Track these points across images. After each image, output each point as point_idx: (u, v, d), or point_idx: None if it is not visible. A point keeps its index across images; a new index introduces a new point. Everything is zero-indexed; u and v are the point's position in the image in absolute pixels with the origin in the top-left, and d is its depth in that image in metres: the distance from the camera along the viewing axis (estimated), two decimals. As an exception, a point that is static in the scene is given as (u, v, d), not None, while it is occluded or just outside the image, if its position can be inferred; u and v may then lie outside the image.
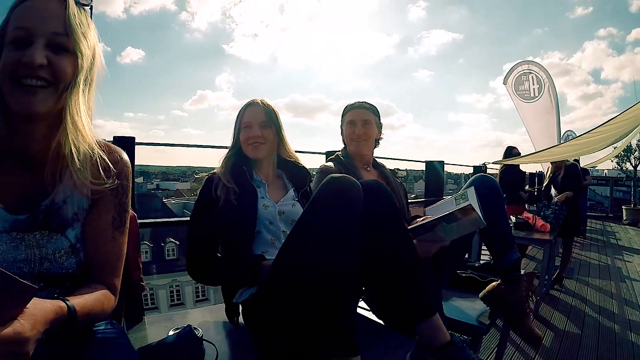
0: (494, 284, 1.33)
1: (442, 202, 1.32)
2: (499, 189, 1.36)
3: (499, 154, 4.07)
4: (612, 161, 10.06)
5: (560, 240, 3.73)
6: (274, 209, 1.13)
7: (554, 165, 3.93)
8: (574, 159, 4.48)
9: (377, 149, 1.60)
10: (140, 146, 1.52)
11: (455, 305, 1.41)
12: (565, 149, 4.16)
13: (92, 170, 0.66)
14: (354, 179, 0.86)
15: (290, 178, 1.26)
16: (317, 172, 1.43)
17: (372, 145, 1.55)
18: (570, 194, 3.50)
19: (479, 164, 4.97)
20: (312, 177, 1.30)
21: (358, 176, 1.34)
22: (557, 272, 3.56)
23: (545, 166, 5.59)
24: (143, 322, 1.17)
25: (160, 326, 1.13)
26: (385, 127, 1.59)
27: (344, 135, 1.56)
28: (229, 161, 1.16)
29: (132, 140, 1.39)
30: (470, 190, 1.24)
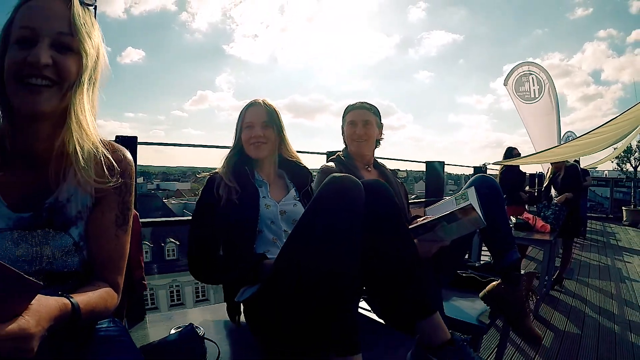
0: (494, 284, 1.34)
1: (442, 202, 1.33)
2: (499, 189, 1.36)
3: (499, 155, 4.08)
4: (613, 162, 10.05)
5: (560, 240, 3.73)
6: (275, 208, 1.13)
7: (554, 166, 3.92)
8: (574, 159, 4.48)
9: (378, 149, 1.61)
10: (141, 146, 1.52)
11: (455, 304, 1.41)
12: (565, 150, 4.17)
13: (96, 169, 0.66)
14: (356, 178, 0.86)
15: (292, 178, 1.26)
16: (318, 172, 1.43)
17: (373, 146, 1.56)
18: (570, 195, 3.50)
19: (479, 165, 4.98)
20: (313, 177, 1.30)
21: (359, 176, 1.34)
22: (557, 272, 3.56)
23: (545, 167, 5.58)
24: (144, 321, 1.17)
25: (162, 325, 1.13)
26: (385, 128, 1.59)
27: (345, 135, 1.56)
28: (230, 161, 1.17)
29: (134, 139, 1.39)
30: (471, 191, 1.24)
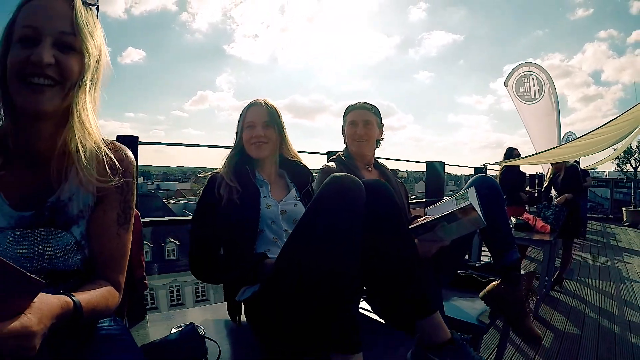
0: (494, 284, 1.34)
1: (442, 202, 1.33)
2: (499, 190, 1.36)
3: (499, 156, 4.07)
4: (613, 163, 10.06)
5: (560, 241, 3.73)
6: (276, 208, 1.13)
7: (554, 167, 3.92)
8: (575, 160, 4.47)
9: (378, 150, 1.61)
10: (141, 146, 1.51)
11: (455, 304, 1.41)
12: (565, 150, 4.16)
13: (98, 168, 0.66)
14: (357, 178, 0.86)
15: (292, 177, 1.26)
16: (318, 172, 1.43)
17: (374, 146, 1.56)
18: (570, 196, 3.50)
19: (479, 165, 4.98)
20: (313, 177, 1.30)
21: (359, 176, 1.34)
22: (557, 273, 3.56)
23: (545, 167, 5.58)
24: (145, 320, 1.17)
25: (162, 324, 1.13)
26: (386, 128, 1.59)
27: (346, 135, 1.56)
28: (231, 160, 1.17)
29: (136, 139, 1.39)
30: (471, 191, 1.24)
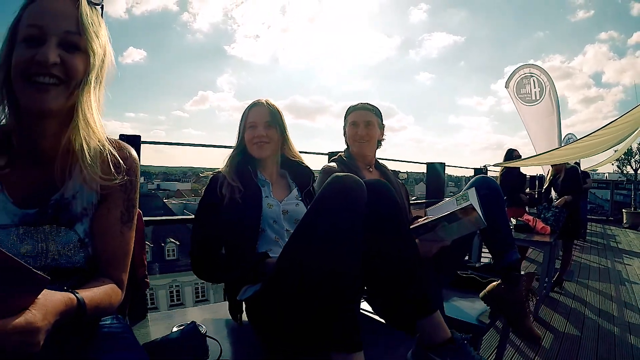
0: (494, 284, 1.34)
1: (443, 203, 1.33)
2: (500, 191, 1.36)
3: (500, 157, 4.07)
4: (613, 164, 10.06)
5: (560, 242, 3.73)
6: (278, 208, 1.14)
7: (554, 168, 3.92)
8: (575, 161, 4.48)
9: (379, 150, 1.61)
10: (142, 146, 1.51)
11: (455, 304, 1.41)
12: (566, 152, 4.17)
13: (102, 166, 0.67)
14: (358, 178, 0.87)
15: (294, 177, 1.27)
16: (320, 172, 1.44)
17: (375, 146, 1.56)
18: (569, 198, 3.50)
19: (480, 167, 4.98)
20: (315, 177, 1.31)
21: (360, 176, 1.35)
22: (557, 274, 3.56)
23: (545, 169, 5.58)
24: (146, 319, 1.17)
25: (163, 323, 1.13)
26: (386, 129, 1.59)
27: (347, 136, 1.57)
28: (233, 160, 1.17)
29: (138, 138, 1.40)
30: (471, 191, 1.25)
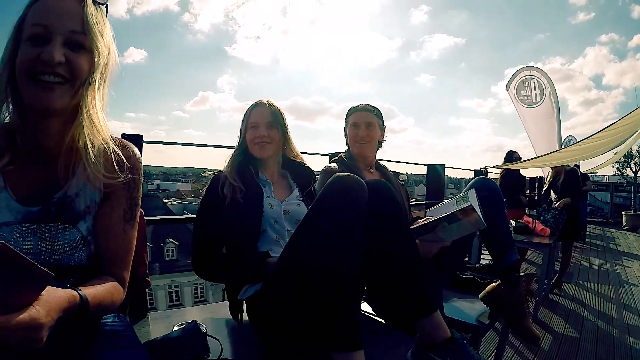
0: (493, 285, 1.34)
1: (443, 204, 1.33)
2: (500, 192, 1.36)
3: (500, 159, 4.08)
4: (613, 167, 10.07)
5: (560, 244, 3.74)
6: (279, 208, 1.14)
7: (554, 170, 3.93)
8: (575, 164, 4.48)
9: (379, 152, 1.62)
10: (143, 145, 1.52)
11: (455, 305, 1.42)
12: (565, 154, 4.17)
13: (106, 165, 0.67)
14: (359, 178, 0.87)
15: (295, 178, 1.27)
16: (320, 173, 1.44)
17: (375, 147, 1.57)
18: (568, 200, 3.50)
19: (480, 168, 4.98)
20: (316, 177, 1.31)
21: (361, 177, 1.35)
22: (557, 276, 3.56)
23: (545, 171, 5.59)
24: (146, 318, 1.18)
25: (163, 323, 1.14)
26: (386, 131, 1.60)
27: (348, 137, 1.57)
28: (235, 160, 1.17)
29: (140, 138, 1.40)
30: (471, 192, 1.25)
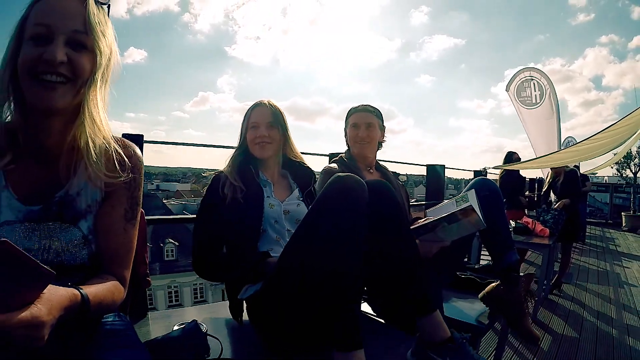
0: (493, 285, 1.34)
1: (443, 204, 1.34)
2: (499, 193, 1.36)
3: (500, 160, 4.09)
4: (612, 168, 10.09)
5: (560, 245, 3.74)
6: (279, 208, 1.14)
7: (553, 171, 3.94)
8: (574, 165, 4.49)
9: (379, 152, 1.62)
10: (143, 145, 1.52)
11: (454, 305, 1.42)
12: (565, 155, 4.18)
13: (107, 164, 0.67)
14: (359, 178, 0.87)
15: (295, 178, 1.27)
16: (321, 173, 1.44)
17: (375, 148, 1.57)
18: (567, 201, 3.50)
19: (480, 169, 4.98)
20: (316, 177, 1.31)
21: (361, 177, 1.36)
22: (556, 277, 3.56)
23: (545, 172, 5.60)
24: (147, 317, 1.18)
25: (164, 322, 1.14)
26: (386, 131, 1.60)
27: (348, 137, 1.57)
28: (235, 160, 1.18)
29: (141, 138, 1.40)
30: (471, 193, 1.25)
